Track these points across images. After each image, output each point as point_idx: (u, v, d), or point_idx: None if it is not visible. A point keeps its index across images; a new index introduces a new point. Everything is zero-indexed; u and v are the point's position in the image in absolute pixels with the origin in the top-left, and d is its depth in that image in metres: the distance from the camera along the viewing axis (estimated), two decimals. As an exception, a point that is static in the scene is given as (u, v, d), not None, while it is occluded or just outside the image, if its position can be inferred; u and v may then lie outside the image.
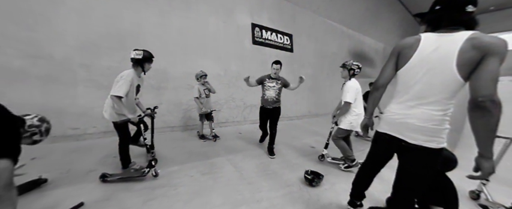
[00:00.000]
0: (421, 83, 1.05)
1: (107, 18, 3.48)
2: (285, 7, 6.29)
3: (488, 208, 1.80)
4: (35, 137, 1.28)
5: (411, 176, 1.14)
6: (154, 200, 1.71)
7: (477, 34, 0.91)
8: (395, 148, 1.19)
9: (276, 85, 2.83)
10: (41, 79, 3.05)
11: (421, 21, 1.16)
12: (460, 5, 0.97)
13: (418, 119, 1.06)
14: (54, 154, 2.63)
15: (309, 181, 2.08)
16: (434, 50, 1.00)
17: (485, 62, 0.86)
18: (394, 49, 1.18)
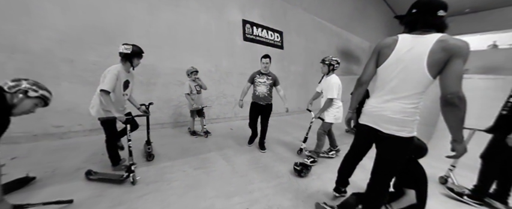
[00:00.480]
0: (396, 80, 1.16)
1: (91, 10, 3.33)
2: (276, 4, 6.33)
3: (453, 190, 2.02)
4: (23, 95, 1.28)
5: (386, 162, 1.28)
6: (149, 194, 1.74)
7: (445, 37, 1.03)
8: (373, 137, 1.32)
9: (266, 80, 2.78)
10: (19, 74, 2.87)
11: (400, 23, 1.26)
12: (432, 10, 1.09)
13: (391, 112, 1.18)
14: (36, 153, 2.53)
15: (297, 172, 2.20)
16: (408, 50, 1.12)
17: (452, 62, 0.99)
18: (375, 48, 1.29)
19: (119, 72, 1.95)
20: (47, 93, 1.40)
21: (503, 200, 1.81)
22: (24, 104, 1.31)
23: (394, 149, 1.22)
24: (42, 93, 1.36)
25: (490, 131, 1.90)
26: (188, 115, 3.91)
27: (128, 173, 1.91)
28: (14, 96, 1.27)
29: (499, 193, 1.84)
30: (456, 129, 1.03)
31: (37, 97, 1.34)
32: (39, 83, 1.38)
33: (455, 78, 0.98)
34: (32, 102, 1.34)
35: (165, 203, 1.64)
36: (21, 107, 1.31)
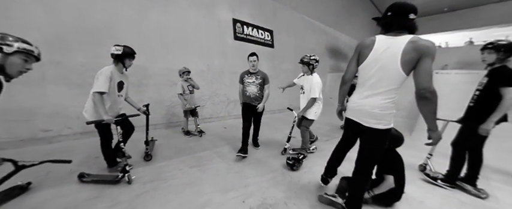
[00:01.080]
0: (375, 77, 1.28)
1: (77, 10, 3.24)
2: (265, 3, 6.40)
3: (429, 175, 2.23)
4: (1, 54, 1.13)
5: (366, 151, 1.41)
6: (147, 193, 1.79)
7: (415, 38, 1.16)
8: (356, 129, 1.45)
9: (255, 80, 2.70)
10: (2, 77, 2.77)
11: (377, 24, 1.39)
12: (405, 13, 1.22)
13: (370, 106, 1.31)
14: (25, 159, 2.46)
15: (290, 166, 2.33)
16: (384, 50, 1.24)
17: (422, 61, 1.13)
18: (356, 48, 1.41)
19: (112, 74, 1.95)
20: (25, 44, 1.22)
21: (472, 183, 2.03)
22: (11, 63, 1.17)
23: (373, 140, 1.36)
24: (18, 46, 1.18)
25: (460, 121, 2.11)
26: (181, 115, 3.93)
27: (123, 173, 1.93)
28: None
29: (469, 177, 2.06)
30: (430, 119, 1.18)
31: (17, 52, 1.18)
32: (7, 36, 1.18)
33: (426, 75, 1.12)
34: (16, 59, 1.19)
35: (163, 201, 1.69)
36: (11, 67, 1.18)
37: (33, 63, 1.31)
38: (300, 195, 1.86)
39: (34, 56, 1.29)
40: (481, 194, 1.95)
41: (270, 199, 1.76)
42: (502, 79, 1.76)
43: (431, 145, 1.27)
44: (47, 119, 3.06)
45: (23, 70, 1.24)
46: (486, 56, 1.89)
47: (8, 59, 1.16)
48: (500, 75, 1.79)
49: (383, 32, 1.32)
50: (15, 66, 1.19)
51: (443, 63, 10.46)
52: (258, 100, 2.76)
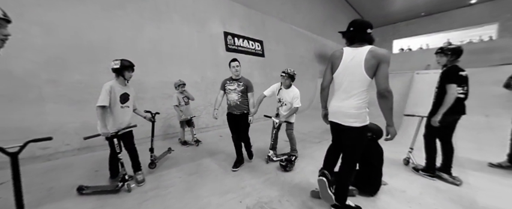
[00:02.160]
0: (346, 82, 1.50)
1: (73, 30, 3.40)
2: (254, 15, 6.77)
3: (414, 168, 2.46)
4: None
5: (348, 147, 1.59)
6: (149, 200, 1.89)
7: (373, 48, 1.40)
8: (338, 130, 1.63)
9: (237, 87, 2.54)
10: (1, 98, 2.85)
11: (342, 37, 1.61)
12: (364, 29, 1.47)
13: (346, 108, 1.51)
14: (26, 176, 2.48)
15: (283, 167, 2.48)
16: (351, 60, 1.46)
17: (380, 67, 1.37)
18: (329, 59, 1.63)
19: (112, 87, 2.07)
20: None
21: (447, 171, 2.24)
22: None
23: (352, 136, 1.55)
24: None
25: (428, 116, 2.37)
26: (177, 126, 4.04)
27: (122, 182, 2.03)
28: None
29: (444, 166, 2.27)
30: (388, 115, 1.40)
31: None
32: None
33: (384, 78, 1.36)
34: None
35: (164, 206, 1.80)
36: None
37: (7, 26, 1.18)
38: (293, 193, 2.00)
39: (2, 19, 1.15)
40: (456, 181, 2.16)
41: (265, 198, 1.90)
42: (446, 77, 2.10)
43: (390, 140, 1.48)
44: (45, 137, 3.10)
45: (2, 38, 1.15)
46: (439, 59, 2.21)
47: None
48: (445, 75, 2.13)
49: (348, 44, 1.56)
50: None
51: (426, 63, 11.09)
52: (240, 109, 2.56)
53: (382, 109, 1.40)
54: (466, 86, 2.14)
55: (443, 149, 2.27)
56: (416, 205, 1.80)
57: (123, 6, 3.90)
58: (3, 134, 2.80)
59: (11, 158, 1.24)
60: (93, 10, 3.61)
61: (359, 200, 1.83)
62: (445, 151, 2.26)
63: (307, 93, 8.86)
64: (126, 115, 2.22)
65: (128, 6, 3.97)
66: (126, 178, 2.07)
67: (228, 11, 5.95)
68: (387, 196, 1.94)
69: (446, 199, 1.89)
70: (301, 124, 5.54)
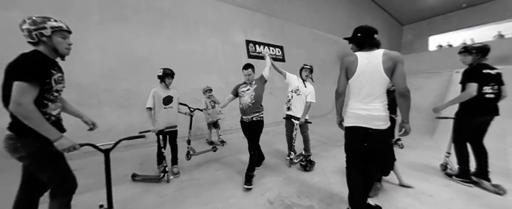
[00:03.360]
0: (368, 86, 1.49)
1: (122, 48, 4.11)
2: (274, 22, 7.04)
3: (448, 173, 2.32)
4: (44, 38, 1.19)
5: (378, 150, 1.59)
6: (184, 189, 2.20)
7: (386, 51, 1.46)
8: (363, 135, 1.56)
9: (250, 88, 2.41)
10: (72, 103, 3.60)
11: (349, 42, 1.67)
12: (371, 34, 1.53)
13: (375, 111, 1.49)
14: (90, 166, 3.12)
15: (303, 167, 2.58)
16: (367, 63, 1.50)
17: (397, 68, 1.42)
18: (342, 65, 1.61)
19: (155, 92, 2.51)
20: (52, 22, 1.22)
21: (485, 177, 2.06)
22: (57, 43, 1.24)
23: (382, 139, 1.55)
24: (51, 25, 1.21)
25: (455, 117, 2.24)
26: (205, 128, 4.44)
27: (163, 173, 2.40)
28: (41, 43, 1.21)
29: (479, 172, 2.09)
30: (406, 112, 1.46)
31: (54, 32, 1.22)
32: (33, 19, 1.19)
33: (402, 78, 1.42)
34: (58, 38, 1.24)
35: (197, 194, 2.08)
36: (60, 47, 1.26)
37: (69, 37, 1.32)
38: (312, 190, 2.10)
39: (66, 30, 1.29)
40: (498, 190, 1.96)
41: (285, 193, 2.04)
42: (464, 76, 2.03)
43: (404, 135, 1.50)
44: (102, 135, 3.77)
45: (67, 47, 1.29)
46: (463, 59, 2.10)
47: (53, 40, 1.22)
48: (463, 74, 2.04)
49: (357, 49, 1.60)
50: (61, 45, 1.26)
51: (471, 61, 9.79)
52: (252, 113, 2.38)
53: (400, 107, 1.46)
54: (496, 84, 1.98)
55: (475, 153, 2.10)
56: (444, 209, 1.72)
57: (161, 25, 4.56)
58: (74, 132, 3.53)
59: (105, 154, 1.43)
60: (137, 29, 4.31)
61: (381, 201, 1.83)
62: (477, 154, 2.10)
63: (329, 97, 8.63)
64: (169, 114, 2.58)
65: (165, 24, 4.61)
66: (167, 170, 2.44)
67: (249, 20, 6.34)
68: (412, 198, 1.89)
69: (481, 206, 1.76)
70: (323, 127, 5.49)
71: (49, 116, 1.26)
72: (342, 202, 1.83)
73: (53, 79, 1.23)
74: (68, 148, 1.17)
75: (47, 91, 1.22)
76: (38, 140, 1.19)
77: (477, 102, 2.02)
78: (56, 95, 1.30)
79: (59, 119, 1.37)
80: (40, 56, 1.21)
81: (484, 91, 2.00)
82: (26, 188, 1.33)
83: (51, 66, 1.24)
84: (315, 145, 3.90)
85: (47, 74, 1.20)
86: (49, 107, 1.26)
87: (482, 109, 2.00)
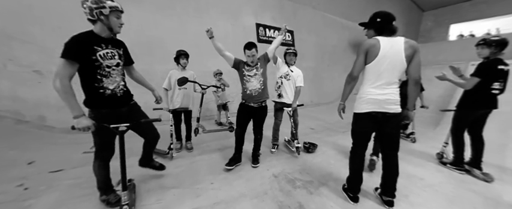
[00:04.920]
0: (387, 71, 1.49)
1: (136, 30, 4.22)
2: (286, 5, 6.81)
3: (443, 162, 2.48)
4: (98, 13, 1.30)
5: (395, 134, 1.62)
6: (197, 162, 2.48)
7: (407, 39, 1.50)
8: (380, 120, 1.57)
9: (257, 72, 2.21)
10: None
11: (365, 28, 1.67)
12: (390, 20, 1.54)
13: (393, 95, 1.52)
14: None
15: (306, 149, 2.79)
16: (390, 48, 1.49)
17: (415, 56, 1.48)
18: (362, 48, 1.53)
19: (171, 74, 2.70)
20: (110, 2, 1.34)
21: (478, 166, 2.20)
22: (113, 23, 1.37)
23: (397, 122, 1.60)
24: (109, 4, 1.33)
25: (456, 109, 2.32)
26: (214, 110, 4.67)
27: (169, 149, 2.57)
28: (98, 21, 1.33)
29: (473, 161, 2.23)
30: (414, 99, 1.58)
31: (111, 11, 1.34)
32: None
33: (419, 66, 1.51)
34: (113, 18, 1.36)
35: (210, 166, 2.36)
36: (115, 26, 1.39)
37: (121, 17, 1.44)
38: (313, 168, 2.32)
39: (120, 10, 1.40)
40: (487, 178, 2.11)
41: (288, 169, 2.28)
42: (478, 69, 2.05)
43: (408, 121, 1.62)
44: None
45: (119, 25, 1.42)
46: (480, 51, 2.09)
47: (110, 19, 1.35)
48: (478, 66, 2.06)
49: (376, 34, 1.57)
50: (115, 24, 1.38)
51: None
52: (261, 97, 2.24)
53: (411, 94, 1.55)
54: (504, 81, 2.02)
55: (473, 144, 2.22)
56: (432, 191, 1.91)
57: (173, 6, 4.57)
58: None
59: (119, 136, 1.45)
60: (150, 10, 4.35)
61: (374, 178, 2.02)
62: (474, 145, 2.21)
63: (338, 85, 8.60)
64: (184, 95, 2.75)
65: (177, 5, 4.62)
66: (171, 147, 2.58)
67: (260, 3, 6.18)
68: (403, 180, 2.06)
69: (467, 190, 1.93)
70: (328, 114, 5.62)
71: (105, 89, 1.40)
72: (339, 180, 2.04)
73: (99, 55, 1.34)
74: (83, 127, 1.27)
75: (97, 67, 1.35)
76: (92, 112, 1.43)
77: (482, 96, 2.08)
78: (109, 70, 1.40)
79: (116, 93, 1.46)
80: (82, 35, 1.32)
81: (493, 87, 2.04)
82: None
83: (97, 44, 1.34)
84: (318, 130, 4.10)
85: (89, 52, 1.30)
86: (104, 82, 1.39)
87: (484, 102, 2.06)
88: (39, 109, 3.62)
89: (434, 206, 1.69)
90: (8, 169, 2.23)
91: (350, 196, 1.76)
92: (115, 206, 1.62)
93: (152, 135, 1.83)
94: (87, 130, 1.31)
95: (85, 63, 1.31)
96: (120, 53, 1.51)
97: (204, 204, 1.69)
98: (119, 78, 1.49)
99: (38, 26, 3.54)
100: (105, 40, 1.40)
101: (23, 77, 3.48)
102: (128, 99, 1.64)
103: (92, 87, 1.37)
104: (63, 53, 1.23)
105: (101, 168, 1.61)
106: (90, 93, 1.40)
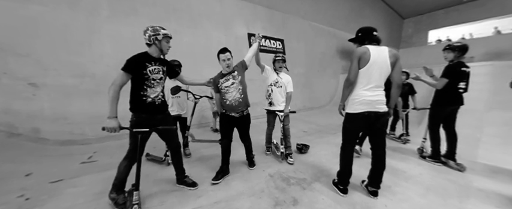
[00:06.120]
0: (376, 75, 1.68)
1: (133, 40, 4.34)
2: (276, 15, 7.19)
3: (422, 155, 2.71)
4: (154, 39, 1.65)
5: (382, 131, 1.83)
6: (196, 167, 2.57)
7: (390, 49, 1.74)
8: (372, 119, 1.73)
9: (234, 80, 2.15)
10: (88, 93, 3.92)
11: (354, 43, 1.92)
12: (370, 32, 1.79)
13: (381, 96, 1.73)
14: (109, 148, 3.48)
15: (299, 150, 2.95)
16: (378, 55, 1.71)
17: (397, 63, 1.73)
18: (355, 55, 1.72)
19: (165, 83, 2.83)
20: (164, 30, 1.71)
21: (452, 158, 2.44)
22: (164, 46, 1.73)
23: (385, 120, 1.80)
24: (163, 32, 1.69)
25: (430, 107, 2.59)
26: (210, 117, 4.78)
27: (164, 157, 2.69)
28: (153, 44, 1.69)
29: (449, 153, 2.48)
30: (395, 100, 1.83)
31: (164, 37, 1.70)
32: (154, 27, 1.68)
33: (400, 72, 1.80)
34: (164, 42, 1.72)
35: (209, 168, 2.46)
36: (165, 49, 1.75)
37: (170, 41, 1.80)
38: (306, 167, 2.48)
39: (169, 36, 1.77)
40: (460, 168, 2.36)
41: (283, 169, 2.43)
42: (445, 71, 2.36)
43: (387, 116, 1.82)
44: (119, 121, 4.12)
45: (168, 48, 1.79)
46: (446, 55, 2.40)
47: (161, 44, 1.72)
48: (445, 69, 2.37)
49: (358, 45, 1.84)
50: (165, 47, 1.76)
51: (469, 55, 10.00)
52: (242, 106, 2.22)
53: (393, 96, 1.80)
54: (466, 80, 2.32)
55: (447, 138, 2.47)
56: (412, 182, 2.11)
57: (168, 18, 4.77)
58: (92, 118, 3.87)
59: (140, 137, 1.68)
60: (146, 22, 4.51)
61: (360, 169, 2.19)
62: (449, 139, 2.46)
63: (328, 89, 8.97)
64: (178, 103, 2.89)
65: (171, 17, 4.82)
66: (167, 154, 2.68)
67: (251, 14, 6.51)
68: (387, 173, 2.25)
69: (443, 179, 2.15)
70: (321, 118, 5.86)
71: (146, 97, 1.72)
72: (330, 176, 2.20)
73: (148, 70, 1.68)
74: (109, 129, 1.54)
75: (146, 79, 1.68)
76: (134, 115, 1.76)
77: (450, 94, 2.36)
78: (153, 82, 1.72)
79: (155, 101, 1.76)
80: (139, 55, 1.69)
81: (459, 86, 2.34)
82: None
83: (148, 61, 1.69)
84: (311, 133, 4.29)
85: (142, 67, 1.65)
86: (147, 91, 1.71)
87: (452, 100, 2.35)
88: (33, 121, 3.61)
89: (413, 194, 1.88)
90: (5, 181, 2.23)
91: (340, 188, 1.92)
92: (121, 208, 1.72)
93: (173, 143, 2.05)
94: (114, 131, 1.55)
95: (137, 75, 1.65)
96: (164, 70, 1.83)
97: (204, 203, 1.79)
98: (159, 90, 1.80)
99: (33, 39, 3.60)
100: (154, 59, 1.75)
101: (17, 90, 3.49)
102: (164, 108, 1.90)
103: (138, 95, 1.71)
104: (123, 67, 1.61)
105: (125, 168, 1.79)
106: (135, 99, 1.72)
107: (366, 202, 1.77)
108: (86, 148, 3.54)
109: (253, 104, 6.76)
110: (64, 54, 3.75)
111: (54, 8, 3.69)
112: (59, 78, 3.73)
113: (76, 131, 3.84)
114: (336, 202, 1.79)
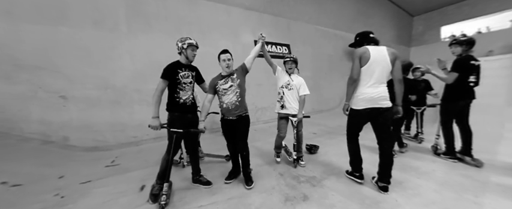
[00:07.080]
0: (377, 72, 1.80)
1: (148, 54, 4.71)
2: (280, 22, 7.40)
3: (436, 152, 2.65)
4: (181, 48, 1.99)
5: (387, 125, 1.90)
6: (209, 169, 2.71)
7: (388, 48, 1.85)
8: (374, 114, 1.84)
9: (233, 83, 2.13)
10: (110, 103, 4.26)
11: (355, 47, 2.04)
12: (367, 35, 1.93)
13: (383, 92, 1.83)
14: (129, 154, 3.73)
15: (308, 150, 3.00)
16: (378, 55, 1.82)
17: (397, 61, 1.83)
18: (356, 55, 1.86)
19: None
20: (190, 40, 2.01)
21: (468, 154, 2.37)
22: (190, 54, 2.03)
23: (389, 115, 1.88)
24: (188, 42, 1.99)
25: (441, 102, 2.55)
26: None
27: (180, 159, 2.88)
28: (182, 53, 2.02)
29: (464, 149, 2.41)
30: (400, 95, 1.87)
31: (189, 46, 1.99)
32: (183, 38, 2.01)
33: (400, 70, 1.87)
34: (190, 51, 2.02)
35: (221, 168, 2.58)
36: (190, 56, 2.05)
37: (196, 50, 2.11)
38: (315, 166, 2.53)
39: (195, 45, 2.06)
40: (477, 163, 2.28)
41: (293, 168, 2.49)
42: (454, 65, 2.33)
43: (398, 115, 1.88)
44: (134, 129, 4.41)
45: (193, 55, 2.09)
46: (454, 50, 2.39)
47: (187, 52, 2.02)
48: (453, 63, 2.34)
49: (358, 46, 1.97)
50: (190, 54, 2.05)
51: (487, 49, 9.53)
52: (239, 110, 2.14)
53: (397, 92, 1.87)
54: (477, 74, 2.28)
55: (461, 133, 2.41)
56: (425, 178, 2.08)
57: (179, 31, 5.11)
58: (113, 126, 4.18)
59: (176, 136, 1.95)
60: (159, 36, 4.89)
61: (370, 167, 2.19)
62: (463, 134, 2.40)
63: (337, 92, 8.89)
64: None
65: (182, 30, 5.17)
66: (182, 156, 2.90)
67: (257, 21, 6.77)
68: (399, 171, 2.25)
69: (458, 175, 2.10)
70: (330, 120, 5.83)
71: (179, 99, 2.02)
72: (340, 174, 2.24)
73: (180, 76, 2.00)
74: (152, 126, 1.93)
75: (178, 83, 1.99)
76: (169, 114, 2.04)
77: (461, 89, 2.33)
78: (184, 86, 2.04)
79: (186, 102, 2.05)
80: (172, 63, 2.04)
81: (469, 80, 2.31)
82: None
83: (179, 68, 2.02)
84: (320, 134, 4.31)
85: (175, 73, 1.97)
86: (179, 94, 2.02)
87: (463, 94, 2.31)
88: (63, 130, 3.97)
89: (426, 189, 1.87)
90: (42, 183, 2.50)
91: (356, 175, 2.05)
92: (152, 197, 1.93)
93: (194, 142, 2.35)
94: (156, 128, 1.91)
95: (172, 80, 1.97)
96: (193, 74, 2.16)
97: (219, 199, 1.91)
98: (189, 92, 2.11)
99: (62, 57, 4.04)
100: (184, 65, 2.09)
101: (50, 102, 3.90)
102: (194, 108, 2.21)
103: (172, 97, 2.01)
104: (162, 75, 1.95)
105: (164, 160, 2.05)
106: (170, 100, 2.03)
107: (376, 197, 1.79)
108: (108, 153, 3.82)
109: (262, 109, 6.90)
110: (88, 69, 4.15)
111: (80, 29, 4.14)
112: (84, 91, 4.11)
113: (99, 138, 4.16)
114: (345, 197, 1.82)
